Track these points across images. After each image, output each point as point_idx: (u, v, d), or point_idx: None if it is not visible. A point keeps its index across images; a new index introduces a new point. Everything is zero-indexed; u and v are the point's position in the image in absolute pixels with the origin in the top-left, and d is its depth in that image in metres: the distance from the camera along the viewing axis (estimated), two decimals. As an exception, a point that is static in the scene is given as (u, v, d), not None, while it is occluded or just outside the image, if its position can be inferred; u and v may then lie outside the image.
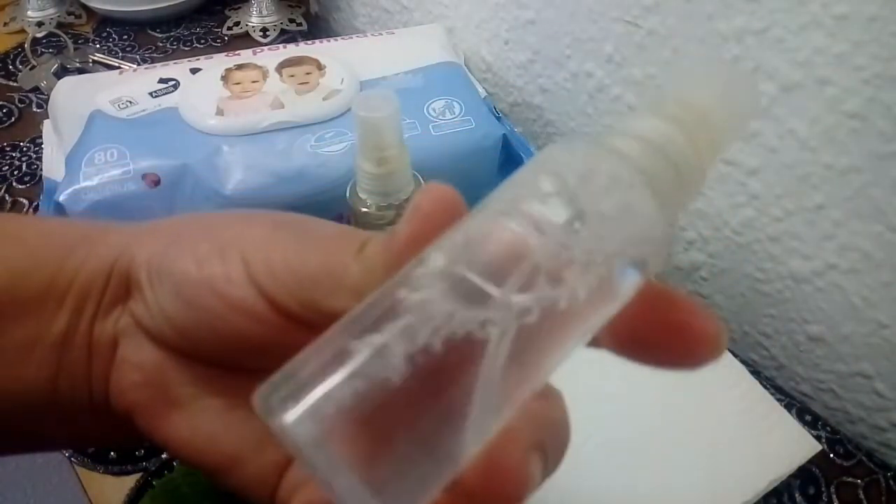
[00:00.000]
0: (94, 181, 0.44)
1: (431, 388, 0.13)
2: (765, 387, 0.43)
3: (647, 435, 0.40)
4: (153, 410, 0.20)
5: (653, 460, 0.39)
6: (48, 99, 0.52)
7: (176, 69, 0.53)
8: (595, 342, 0.17)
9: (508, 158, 0.53)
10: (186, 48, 0.72)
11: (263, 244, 0.19)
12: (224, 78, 0.51)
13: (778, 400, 0.43)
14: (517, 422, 0.15)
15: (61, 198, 0.43)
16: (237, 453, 0.19)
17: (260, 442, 0.19)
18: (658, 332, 0.16)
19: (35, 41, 0.70)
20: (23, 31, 0.72)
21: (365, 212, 0.39)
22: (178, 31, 0.75)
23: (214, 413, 0.20)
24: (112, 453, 0.39)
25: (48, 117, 0.52)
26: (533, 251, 0.14)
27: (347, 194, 0.40)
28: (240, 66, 0.52)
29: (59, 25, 0.73)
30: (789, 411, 0.42)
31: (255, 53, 0.54)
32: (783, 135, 0.42)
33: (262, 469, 0.19)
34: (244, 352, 0.19)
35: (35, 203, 0.54)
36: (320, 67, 0.53)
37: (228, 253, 0.19)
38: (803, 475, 0.40)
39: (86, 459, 0.39)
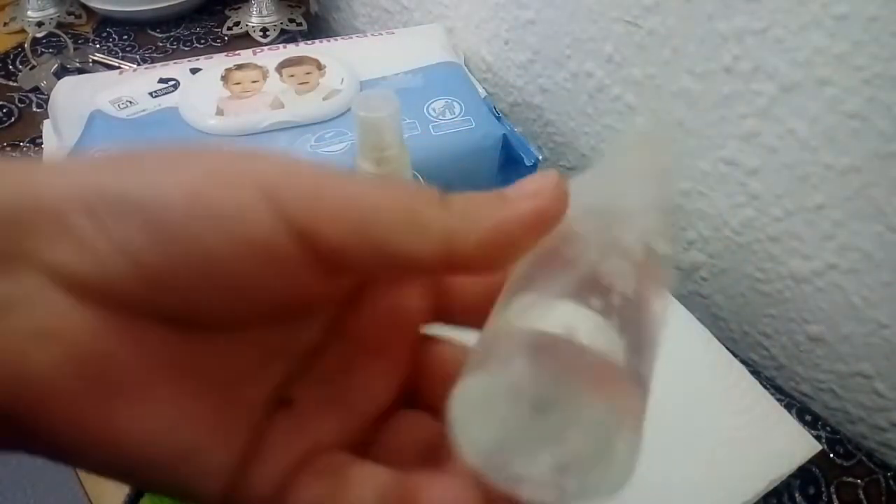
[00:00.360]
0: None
1: None
2: (765, 387, 0.43)
3: (646, 435, 0.40)
4: (85, 399, 0.14)
5: (652, 460, 0.39)
6: (48, 99, 0.52)
7: (176, 69, 0.53)
8: None
9: (508, 158, 0.53)
10: (186, 48, 0.72)
11: (288, 172, 0.15)
12: (224, 78, 0.51)
13: (778, 400, 0.43)
14: None
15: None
16: (190, 446, 0.16)
17: (218, 429, 0.16)
18: None
19: (35, 41, 0.70)
20: (23, 31, 0.72)
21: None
22: (178, 31, 0.75)
23: (164, 396, 0.15)
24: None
25: (48, 117, 0.52)
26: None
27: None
28: (240, 66, 0.52)
29: (59, 25, 0.73)
30: (789, 411, 0.42)
31: (255, 53, 0.54)
32: (783, 135, 0.42)
33: (216, 463, 0.16)
34: (236, 304, 0.15)
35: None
36: (320, 67, 0.53)
37: (233, 180, 0.15)
38: (803, 475, 0.40)
39: (86, 459, 0.39)
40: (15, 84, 0.66)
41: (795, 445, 0.40)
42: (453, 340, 0.21)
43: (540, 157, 0.52)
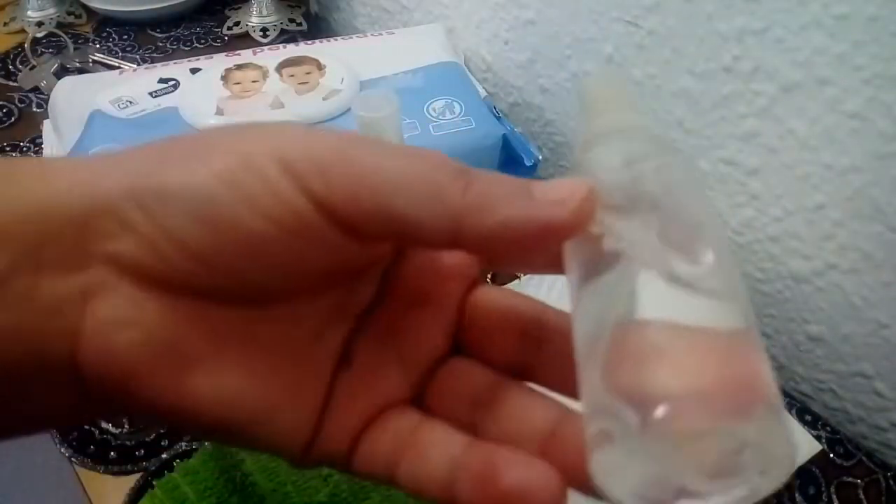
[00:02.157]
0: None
1: None
2: (765, 387, 0.43)
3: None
4: (162, 373, 0.16)
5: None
6: (48, 99, 0.52)
7: (176, 69, 0.53)
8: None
9: (508, 158, 0.53)
10: (186, 48, 0.72)
11: (305, 145, 0.16)
12: (224, 78, 0.51)
13: (778, 400, 0.43)
14: None
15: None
16: (267, 407, 0.17)
17: (290, 390, 0.18)
18: None
19: (35, 41, 0.70)
20: (23, 31, 0.72)
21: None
22: (178, 31, 0.75)
23: (236, 364, 0.17)
24: (112, 453, 0.39)
25: (48, 117, 0.52)
26: None
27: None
28: (240, 66, 0.52)
29: (59, 25, 0.73)
30: (789, 411, 0.42)
31: (255, 53, 0.54)
32: (783, 135, 0.42)
33: (295, 421, 0.18)
34: (279, 273, 0.16)
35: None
36: (320, 67, 0.53)
37: (259, 160, 0.16)
38: (803, 475, 0.40)
39: (86, 459, 0.39)
40: (15, 84, 0.66)
41: (795, 445, 0.40)
42: (497, 288, 0.21)
43: (540, 157, 0.52)
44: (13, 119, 0.63)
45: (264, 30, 0.73)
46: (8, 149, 0.60)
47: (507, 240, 0.16)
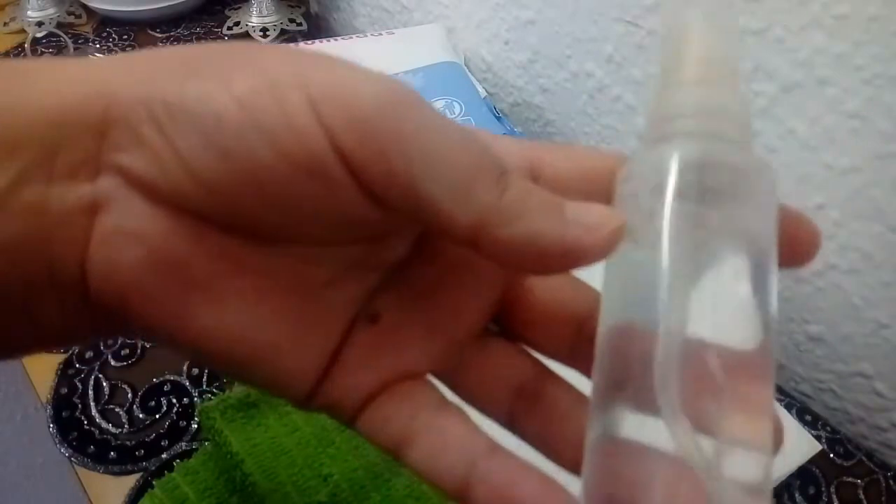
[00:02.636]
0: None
1: None
2: (765, 387, 0.43)
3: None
4: (164, 293, 0.15)
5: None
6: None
7: (176, 69, 0.53)
8: None
9: (508, 158, 0.53)
10: (186, 48, 0.72)
11: (341, 87, 0.15)
12: (224, 78, 0.51)
13: (778, 400, 0.43)
14: None
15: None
16: (271, 345, 0.17)
17: (297, 331, 0.17)
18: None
19: (35, 41, 0.70)
20: (23, 31, 0.72)
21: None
22: (178, 31, 0.75)
23: (242, 296, 0.16)
24: (112, 453, 0.39)
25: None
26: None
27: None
28: (240, 66, 0.52)
29: (59, 25, 0.73)
30: (789, 411, 0.42)
31: (255, 53, 0.54)
32: (783, 135, 0.42)
33: (300, 363, 0.17)
34: (292, 216, 0.15)
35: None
36: (320, 67, 0.53)
37: (285, 90, 0.14)
38: (803, 475, 0.40)
39: (86, 459, 0.39)
40: (15, 84, 0.66)
41: (795, 445, 0.40)
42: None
43: (540, 157, 0.52)
44: (13, 119, 0.63)
45: (264, 30, 0.73)
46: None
47: (528, 253, 0.15)
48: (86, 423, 0.40)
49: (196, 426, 0.40)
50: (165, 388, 0.42)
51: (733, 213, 0.15)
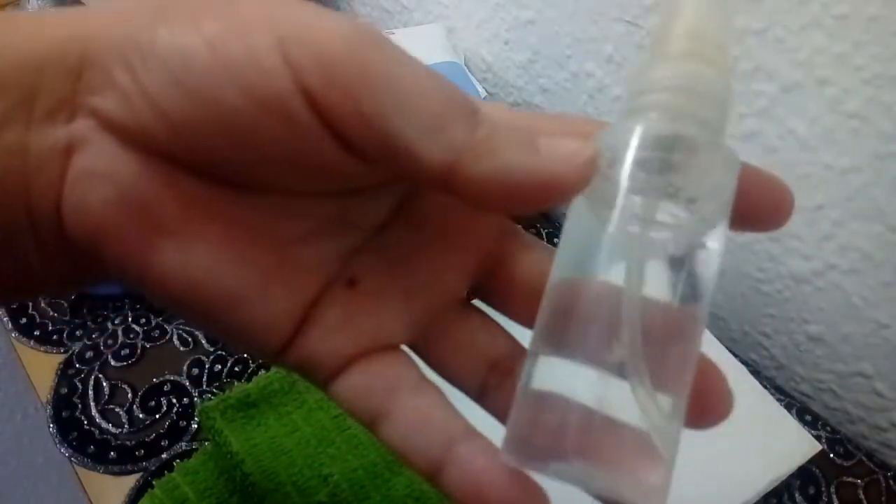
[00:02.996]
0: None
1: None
2: (765, 387, 0.43)
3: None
4: (131, 235, 0.16)
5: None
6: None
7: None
8: None
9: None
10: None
11: (310, 29, 0.14)
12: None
13: (778, 400, 0.43)
14: None
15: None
16: (235, 292, 0.16)
17: (265, 282, 0.17)
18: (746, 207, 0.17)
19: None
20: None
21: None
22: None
23: (209, 242, 0.16)
24: (112, 453, 0.39)
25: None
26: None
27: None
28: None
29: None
30: (789, 411, 0.42)
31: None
32: (783, 135, 0.42)
33: (267, 316, 0.17)
34: (260, 160, 0.16)
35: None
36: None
37: (255, 32, 0.14)
38: (803, 475, 0.40)
39: (86, 459, 0.39)
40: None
41: (795, 445, 0.40)
42: (537, 240, 0.20)
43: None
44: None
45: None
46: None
47: (503, 188, 0.15)
48: (86, 423, 0.40)
49: (196, 426, 0.40)
50: (165, 388, 0.42)
51: (686, 186, 0.16)
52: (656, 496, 0.15)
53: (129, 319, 0.46)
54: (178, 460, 0.39)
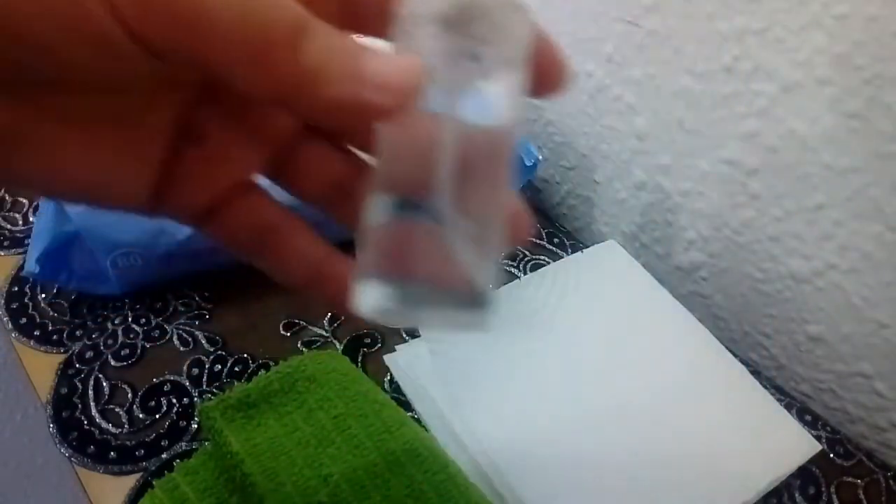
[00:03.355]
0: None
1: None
2: (765, 387, 0.43)
3: (647, 435, 0.40)
4: None
5: (653, 460, 0.39)
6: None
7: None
8: None
9: (508, 158, 0.53)
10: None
11: None
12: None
13: (778, 400, 0.43)
14: None
15: (61, 198, 0.43)
16: (94, 179, 0.18)
17: (122, 157, 0.18)
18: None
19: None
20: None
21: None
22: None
23: (59, 141, 0.16)
24: (112, 453, 0.39)
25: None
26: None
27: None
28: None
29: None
30: (789, 411, 0.42)
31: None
32: (783, 135, 0.42)
33: (132, 183, 0.18)
34: (80, 80, 0.15)
35: (35, 203, 0.54)
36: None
37: None
38: (803, 475, 0.40)
39: (86, 459, 0.39)
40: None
41: (795, 445, 0.40)
42: None
43: (540, 157, 0.52)
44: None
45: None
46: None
47: (331, 117, 0.16)
48: (86, 423, 0.40)
49: (196, 426, 0.40)
50: (165, 388, 0.42)
51: (481, 37, 0.17)
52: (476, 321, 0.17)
53: (129, 319, 0.46)
54: (178, 460, 0.39)
